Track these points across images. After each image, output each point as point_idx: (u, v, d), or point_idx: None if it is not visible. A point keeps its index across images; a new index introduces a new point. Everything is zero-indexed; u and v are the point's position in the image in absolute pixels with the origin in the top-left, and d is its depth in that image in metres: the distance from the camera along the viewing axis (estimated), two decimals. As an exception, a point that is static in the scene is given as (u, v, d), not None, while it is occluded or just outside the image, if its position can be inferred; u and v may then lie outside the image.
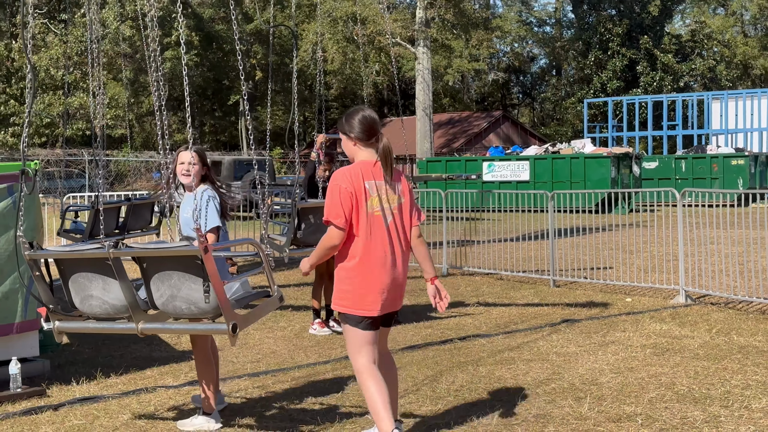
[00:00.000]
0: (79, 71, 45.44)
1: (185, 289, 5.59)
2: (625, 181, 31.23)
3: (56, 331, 6.08)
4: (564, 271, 13.82)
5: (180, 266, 5.56)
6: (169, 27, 46.30)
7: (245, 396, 7.37)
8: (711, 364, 8.00)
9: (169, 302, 5.68)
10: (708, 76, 55.67)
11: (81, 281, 5.86)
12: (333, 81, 55.37)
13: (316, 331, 10.03)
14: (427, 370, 8.05)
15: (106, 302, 5.81)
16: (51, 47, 46.34)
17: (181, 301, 5.63)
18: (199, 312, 5.65)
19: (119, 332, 6.08)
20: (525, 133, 57.02)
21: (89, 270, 5.80)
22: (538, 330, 9.91)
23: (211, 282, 5.43)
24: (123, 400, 7.25)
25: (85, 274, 5.82)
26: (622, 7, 56.69)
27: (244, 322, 5.72)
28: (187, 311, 5.68)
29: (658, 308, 11.11)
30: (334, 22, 44.19)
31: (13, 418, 6.76)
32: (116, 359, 8.80)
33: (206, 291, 5.51)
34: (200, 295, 5.54)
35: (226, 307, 5.49)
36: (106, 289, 5.78)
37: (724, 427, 6.22)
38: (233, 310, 5.58)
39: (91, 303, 5.88)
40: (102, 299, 5.82)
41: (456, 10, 44.03)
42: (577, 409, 6.71)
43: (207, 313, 5.63)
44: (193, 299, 5.57)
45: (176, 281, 5.59)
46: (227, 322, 5.51)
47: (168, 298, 5.67)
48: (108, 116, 42.70)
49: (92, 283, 5.82)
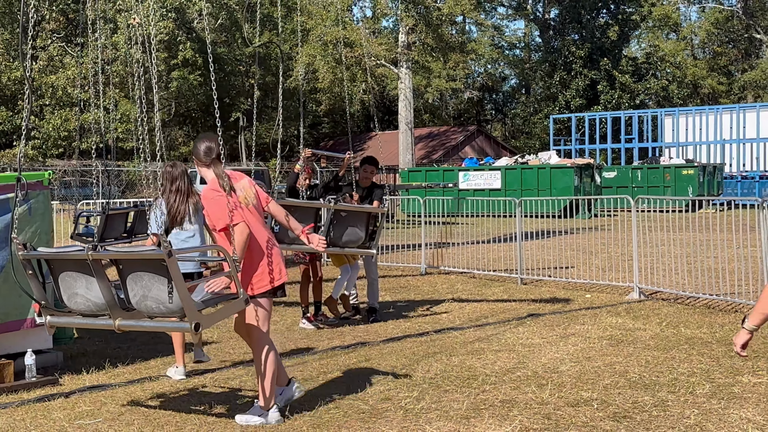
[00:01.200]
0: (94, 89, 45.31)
1: (155, 289, 5.57)
2: (586, 189, 31.30)
3: (47, 325, 6.10)
4: (530, 270, 13.83)
5: (149, 268, 5.55)
6: (175, 49, 46.21)
7: (240, 383, 7.35)
8: (660, 354, 8.02)
9: (142, 301, 5.66)
10: (661, 94, 55.83)
11: (68, 280, 5.87)
12: (323, 98, 55.32)
13: (306, 325, 10.02)
14: (404, 360, 8.04)
15: (89, 300, 5.81)
16: (68, 68, 46.30)
17: (152, 300, 5.61)
18: (167, 311, 5.63)
19: (100, 327, 6.08)
20: (497, 146, 57.06)
21: (74, 270, 5.81)
22: (506, 323, 9.92)
23: (175, 283, 5.42)
24: (129, 388, 7.23)
25: (70, 274, 5.83)
26: (584, 32, 56.80)
27: (208, 322, 5.74)
28: (157, 310, 5.66)
29: (614, 303, 11.13)
30: (325, 45, 44.18)
31: (28, 405, 6.74)
32: (123, 351, 8.77)
33: (170, 292, 5.50)
34: (167, 296, 5.53)
35: (188, 307, 5.50)
36: (88, 288, 5.78)
37: (671, 410, 6.23)
38: (197, 310, 5.56)
39: (77, 300, 5.88)
40: (85, 297, 5.82)
41: (435, 35, 44.07)
42: (540, 394, 6.71)
43: (174, 312, 5.61)
44: (162, 299, 5.57)
45: (147, 282, 5.57)
46: (190, 321, 5.52)
47: (141, 297, 5.65)
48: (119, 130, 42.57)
49: (77, 282, 5.82)
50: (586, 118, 46.80)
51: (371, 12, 46.53)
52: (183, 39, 46.83)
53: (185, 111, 52.13)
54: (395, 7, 44.22)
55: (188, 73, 46.51)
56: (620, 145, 44.39)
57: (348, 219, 9.17)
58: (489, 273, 14.15)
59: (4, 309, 7.41)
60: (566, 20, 58.48)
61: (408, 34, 43.60)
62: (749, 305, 10.41)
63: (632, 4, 57.63)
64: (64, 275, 5.87)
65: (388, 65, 46.64)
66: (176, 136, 53.96)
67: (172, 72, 45.41)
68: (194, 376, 7.61)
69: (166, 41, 44.87)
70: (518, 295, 12.10)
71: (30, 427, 6.18)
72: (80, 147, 45.43)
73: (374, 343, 8.98)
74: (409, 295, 12.45)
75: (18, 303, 7.51)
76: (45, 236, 7.75)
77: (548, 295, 12.10)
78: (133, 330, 6.36)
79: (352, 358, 8.27)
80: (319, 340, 9.21)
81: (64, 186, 37.61)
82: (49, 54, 47.96)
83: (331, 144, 58.69)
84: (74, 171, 39.30)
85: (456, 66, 54.10)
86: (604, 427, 5.86)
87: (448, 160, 50.80)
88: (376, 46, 44.64)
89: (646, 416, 6.09)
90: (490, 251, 15.34)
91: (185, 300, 5.48)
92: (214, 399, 6.84)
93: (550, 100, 57.04)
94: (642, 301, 11.29)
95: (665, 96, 55.75)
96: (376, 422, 6.10)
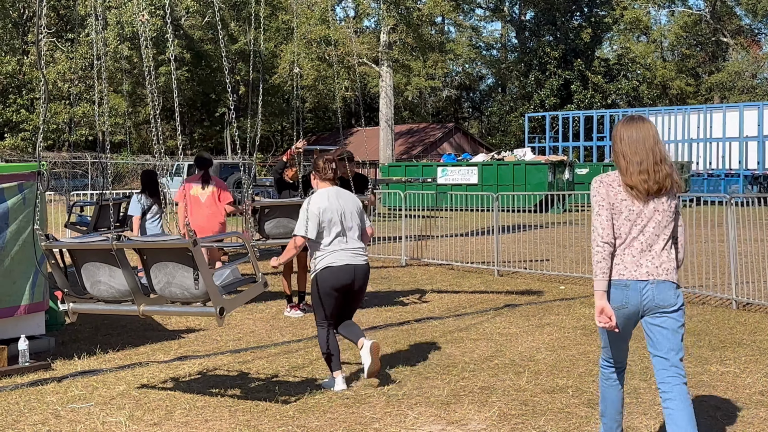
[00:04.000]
0: (84, 84, 45.11)
1: (179, 276, 5.62)
2: (560, 184, 31.41)
3: (70, 312, 6.14)
4: (507, 263, 13.87)
5: (174, 257, 5.59)
6: (162, 46, 45.96)
7: (228, 370, 7.33)
8: (632, 344, 8.02)
9: (166, 288, 5.71)
10: (632, 94, 56.03)
11: (91, 269, 5.90)
12: (308, 95, 55.17)
13: (290, 313, 10.00)
14: (387, 348, 8.04)
15: (113, 287, 5.85)
16: (58, 63, 45.99)
17: (176, 287, 5.67)
18: (191, 296, 5.68)
19: (124, 313, 6.11)
20: (474, 143, 57.09)
21: (97, 259, 5.85)
22: (483, 313, 9.95)
23: (200, 270, 5.45)
24: (119, 374, 7.19)
25: (93, 263, 5.87)
26: (558, 34, 56.90)
27: (231, 306, 5.79)
28: (181, 296, 5.71)
29: (587, 295, 11.17)
30: (309, 44, 44.06)
31: (21, 389, 6.69)
32: (114, 337, 8.72)
33: (196, 278, 5.54)
34: (191, 282, 5.56)
35: (213, 293, 5.52)
36: (112, 276, 5.81)
37: (643, 397, 6.27)
38: (220, 295, 5.60)
39: (100, 288, 5.92)
40: (109, 284, 5.86)
41: (415, 35, 44.05)
42: (517, 382, 6.74)
43: (198, 297, 5.66)
44: (186, 285, 5.60)
45: (171, 270, 5.61)
46: (215, 306, 5.53)
47: (165, 284, 5.70)
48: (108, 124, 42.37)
49: (100, 270, 5.86)
50: (559, 116, 46.96)
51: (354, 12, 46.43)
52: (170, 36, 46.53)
53: (172, 105, 51.85)
54: (377, 7, 44.13)
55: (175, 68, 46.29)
56: (592, 143, 44.58)
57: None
58: (467, 265, 14.18)
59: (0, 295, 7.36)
60: (541, 22, 58.60)
61: (389, 33, 43.56)
62: (716, 297, 10.50)
63: (605, 8, 57.85)
64: (87, 264, 5.89)
65: (369, 63, 46.59)
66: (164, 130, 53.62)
67: (160, 67, 45.15)
68: (183, 362, 7.58)
69: (154, 38, 44.57)
70: (495, 287, 12.14)
71: (24, 410, 6.14)
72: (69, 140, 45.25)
73: (357, 331, 8.97)
74: (390, 286, 12.45)
75: (11, 290, 7.47)
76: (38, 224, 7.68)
77: (524, 286, 12.13)
78: (156, 314, 6.38)
79: (335, 345, 8.26)
80: (304, 329, 9.20)
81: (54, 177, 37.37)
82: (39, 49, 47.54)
83: (314, 139, 58.56)
84: (64, 163, 39.05)
85: (435, 65, 54.19)
86: (579, 413, 5.89)
87: (427, 156, 50.83)
88: (358, 45, 44.56)
89: (619, 403, 6.12)
90: (467, 244, 15.38)
91: (210, 286, 5.51)
92: (202, 384, 6.82)
93: (525, 98, 57.17)
94: (614, 292, 11.33)
95: (636, 96, 55.98)
96: (360, 407, 6.11)
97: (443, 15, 52.45)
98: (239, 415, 5.97)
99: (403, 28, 43.31)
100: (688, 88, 60.75)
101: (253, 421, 5.84)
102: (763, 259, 11.34)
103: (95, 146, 44.53)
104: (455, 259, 14.58)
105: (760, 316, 9.48)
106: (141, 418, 5.94)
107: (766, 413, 5.87)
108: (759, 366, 7.16)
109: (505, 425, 5.69)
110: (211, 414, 6.02)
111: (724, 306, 10.16)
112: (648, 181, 4.57)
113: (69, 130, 45.78)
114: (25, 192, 7.60)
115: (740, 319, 9.30)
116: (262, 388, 6.69)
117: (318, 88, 51.12)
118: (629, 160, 4.61)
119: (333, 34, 42.83)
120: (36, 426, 5.80)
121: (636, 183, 4.58)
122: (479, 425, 5.70)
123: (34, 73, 46.10)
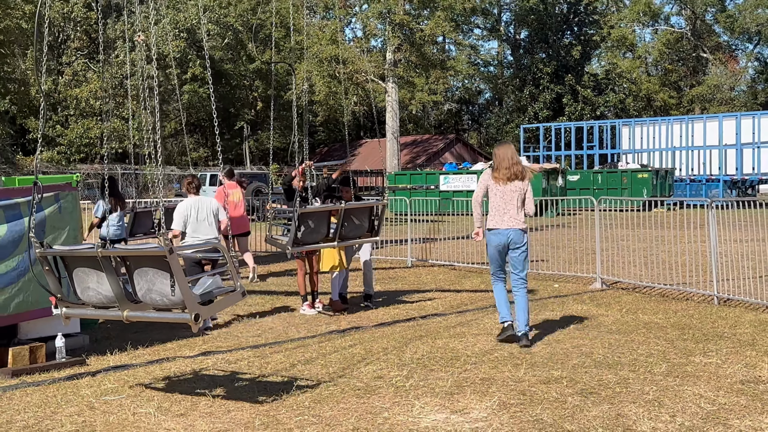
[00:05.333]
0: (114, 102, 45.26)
1: (158, 283, 5.43)
2: (553, 190, 31.35)
3: (63, 316, 5.98)
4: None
5: (153, 264, 5.45)
6: (185, 66, 46.09)
7: (249, 363, 7.33)
8: (621, 337, 8.04)
9: (147, 294, 5.54)
10: (619, 107, 55.92)
11: (81, 275, 5.74)
12: (319, 110, 55.20)
13: (305, 311, 10.00)
14: (394, 342, 8.04)
15: (100, 293, 5.68)
16: (90, 82, 46.14)
17: (156, 293, 5.48)
18: (170, 303, 5.52)
19: (111, 318, 5.92)
20: (474, 152, 57.00)
21: (86, 266, 5.69)
22: (483, 310, 9.93)
23: (176, 278, 5.32)
24: (148, 368, 7.20)
25: (83, 269, 5.69)
26: (550, 51, 56.82)
27: (207, 312, 5.61)
28: (161, 302, 5.54)
29: (579, 292, 11.16)
30: (321, 62, 44.10)
31: (59, 383, 6.70)
32: (143, 334, 8.73)
33: (172, 285, 5.41)
34: (169, 289, 5.46)
35: (188, 299, 5.39)
36: (99, 282, 5.65)
37: (632, 387, 6.25)
38: (195, 302, 5.47)
39: (89, 293, 5.75)
40: (97, 290, 5.69)
41: (418, 54, 44.07)
42: (515, 373, 6.72)
43: (176, 304, 5.49)
44: (165, 292, 5.43)
45: (151, 276, 5.44)
46: (190, 313, 5.41)
47: (146, 290, 5.52)
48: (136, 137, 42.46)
49: (89, 277, 5.68)
50: (552, 127, 46.88)
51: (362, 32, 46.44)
52: (193, 57, 46.67)
53: (195, 120, 51.97)
54: (383, 28, 44.15)
55: (198, 86, 46.36)
56: (583, 151, 44.49)
57: (354, 215, 9.23)
58: (468, 265, 14.15)
59: (36, 297, 7.37)
60: (535, 41, 58.57)
61: (394, 52, 43.58)
62: (699, 294, 10.47)
63: (593, 27, 57.79)
64: (77, 270, 5.76)
65: (376, 80, 46.61)
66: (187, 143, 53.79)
67: (184, 86, 45.26)
68: (206, 357, 7.59)
69: (178, 59, 44.70)
70: (494, 285, 12.10)
71: (61, 402, 6.15)
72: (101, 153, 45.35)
73: (367, 327, 8.98)
74: (397, 285, 12.44)
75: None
76: (74, 232, 7.72)
77: (521, 284, 12.09)
78: (139, 320, 6.22)
79: (347, 341, 8.26)
80: (318, 325, 9.20)
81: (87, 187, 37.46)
82: (73, 69, 47.75)
83: (326, 150, 58.58)
84: (96, 174, 39.14)
85: (437, 81, 54.12)
86: (574, 402, 5.88)
87: (430, 165, 50.78)
88: (366, 63, 44.58)
89: (610, 392, 6.11)
90: (468, 246, 15.36)
91: (185, 293, 5.37)
92: (225, 377, 6.83)
93: (520, 111, 57.11)
94: (604, 290, 11.32)
95: (622, 108, 55.88)
96: (371, 398, 6.10)
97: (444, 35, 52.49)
98: (259, 406, 5.97)
99: (407, 48, 43.35)
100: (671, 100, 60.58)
101: (272, 411, 5.83)
102: (742, 258, 11.31)
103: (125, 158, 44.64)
104: (457, 260, 14.56)
105: (740, 311, 9.44)
106: (168, 409, 5.94)
107: (746, 401, 5.85)
108: (739, 357, 7.13)
109: (504, 413, 5.67)
110: (233, 405, 6.02)
111: (707, 302, 10.13)
112: (507, 173, 7.80)
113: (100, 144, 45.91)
114: (60, 201, 7.62)
115: (721, 314, 9.26)
116: (280, 380, 6.69)
117: (329, 103, 51.13)
118: (498, 163, 7.88)
119: (343, 53, 42.89)
120: (72, 417, 5.80)
121: (500, 175, 7.83)
122: (481, 413, 5.68)
123: (69, 91, 46.27)
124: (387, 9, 42.37)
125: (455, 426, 5.44)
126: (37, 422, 5.70)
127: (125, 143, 41.59)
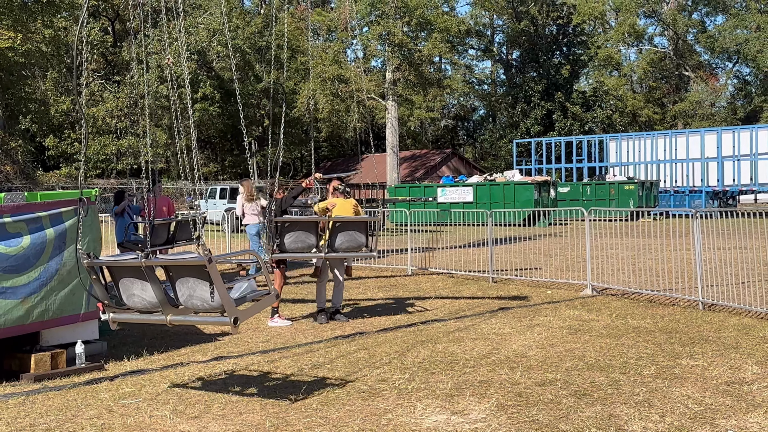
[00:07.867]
0: (129, 120, 45.40)
1: (198, 290, 5.59)
2: (545, 201, 31.35)
3: (111, 321, 6.13)
4: (500, 271, 13.83)
5: (194, 273, 5.55)
6: (196, 86, 46.18)
7: (258, 368, 7.31)
8: (612, 341, 8.02)
9: (189, 300, 5.68)
10: (606, 122, 55.91)
11: (126, 283, 5.88)
12: (323, 126, 55.25)
13: (278, 323, 9.76)
14: (396, 347, 8.02)
15: (145, 299, 5.83)
16: (106, 101, 46.29)
17: (197, 299, 5.63)
18: (210, 308, 5.64)
19: (155, 322, 6.07)
20: (469, 166, 57.00)
21: (131, 275, 5.82)
22: (480, 316, 9.91)
23: (215, 284, 5.43)
24: (164, 372, 7.18)
25: (128, 278, 5.83)
26: (541, 70, 56.87)
27: (245, 315, 5.73)
28: (201, 307, 5.68)
29: (571, 298, 11.14)
30: (324, 82, 44.18)
31: (78, 387, 6.68)
32: (158, 341, 8.72)
33: (212, 292, 5.52)
34: (209, 295, 5.54)
35: (227, 304, 5.51)
36: (143, 290, 5.79)
37: (623, 388, 6.23)
38: (234, 306, 5.58)
39: (134, 300, 5.90)
40: (141, 297, 5.83)
41: (416, 73, 44.17)
42: (512, 376, 6.70)
43: (216, 308, 5.62)
44: (205, 298, 5.58)
45: (192, 284, 5.58)
46: (229, 316, 5.53)
47: (187, 296, 5.66)
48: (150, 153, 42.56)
49: (134, 284, 5.83)
50: (543, 142, 46.91)
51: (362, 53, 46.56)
52: (204, 77, 46.77)
53: (206, 137, 52.02)
54: (383, 49, 44.24)
55: (208, 105, 46.46)
56: (572, 164, 44.51)
57: (347, 228, 9.15)
58: (465, 273, 14.14)
59: (60, 305, 7.36)
60: (526, 60, 58.67)
61: (394, 72, 43.68)
62: (685, 299, 10.45)
63: (581, 47, 57.93)
64: (123, 279, 5.88)
65: (377, 98, 46.68)
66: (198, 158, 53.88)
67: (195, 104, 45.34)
68: (219, 361, 7.57)
69: (190, 79, 44.79)
70: (490, 292, 12.10)
71: (81, 406, 6.14)
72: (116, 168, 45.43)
73: (370, 333, 8.96)
74: (398, 293, 12.42)
75: (71, 300, 7.47)
76: (93, 243, 7.72)
77: (515, 291, 12.09)
78: (182, 324, 6.35)
79: (352, 346, 8.24)
80: (324, 331, 9.18)
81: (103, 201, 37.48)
82: (90, 90, 47.87)
83: (329, 165, 58.57)
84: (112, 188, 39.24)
85: (434, 99, 54.24)
86: (567, 403, 5.86)
87: (428, 178, 50.79)
88: (366, 83, 44.66)
89: (603, 394, 6.09)
90: (465, 255, 15.35)
91: (224, 298, 5.48)
92: (236, 381, 6.81)
93: (513, 127, 57.14)
94: (594, 296, 11.31)
95: (609, 123, 55.89)
96: (375, 400, 6.09)
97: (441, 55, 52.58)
98: (269, 408, 5.95)
99: (405, 67, 43.44)
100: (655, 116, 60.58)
101: (281, 413, 5.81)
102: (725, 265, 11.30)
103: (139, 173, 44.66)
104: (454, 268, 14.53)
105: (724, 316, 9.42)
106: (183, 412, 5.92)
107: (731, 401, 5.83)
108: (724, 360, 7.12)
109: (502, 414, 5.65)
110: (245, 407, 6.00)
111: (692, 307, 10.11)
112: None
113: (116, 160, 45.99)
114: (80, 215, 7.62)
115: (706, 318, 9.25)
116: (289, 383, 6.67)
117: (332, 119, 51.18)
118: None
119: (345, 73, 43.00)
120: (92, 420, 5.78)
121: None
122: (480, 414, 5.66)
123: (86, 110, 46.34)
124: (387, 31, 42.46)
125: (456, 426, 5.42)
126: (58, 425, 5.68)
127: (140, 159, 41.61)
